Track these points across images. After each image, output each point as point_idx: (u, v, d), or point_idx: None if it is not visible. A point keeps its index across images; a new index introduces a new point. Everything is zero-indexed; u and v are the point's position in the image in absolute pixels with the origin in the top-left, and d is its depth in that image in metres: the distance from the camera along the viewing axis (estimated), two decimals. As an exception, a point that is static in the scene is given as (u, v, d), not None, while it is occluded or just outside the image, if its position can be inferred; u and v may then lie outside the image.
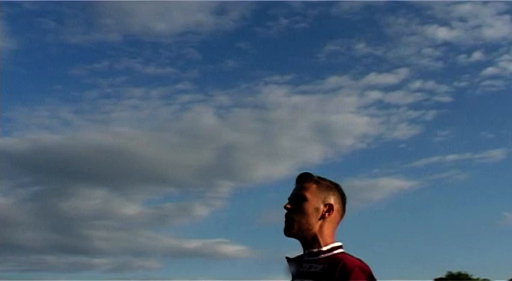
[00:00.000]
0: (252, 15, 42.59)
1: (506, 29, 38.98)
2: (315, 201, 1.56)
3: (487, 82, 39.25)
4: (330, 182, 1.61)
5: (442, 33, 41.18)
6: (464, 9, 40.55)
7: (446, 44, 42.20)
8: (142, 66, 41.53)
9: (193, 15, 36.53)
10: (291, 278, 1.58)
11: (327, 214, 1.55)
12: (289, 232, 1.56)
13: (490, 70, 40.03)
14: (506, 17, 40.20)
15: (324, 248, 1.52)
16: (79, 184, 40.43)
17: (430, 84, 39.58)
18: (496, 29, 39.28)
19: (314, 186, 1.58)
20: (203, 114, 40.99)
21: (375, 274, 1.47)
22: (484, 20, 39.26)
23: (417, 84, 40.45)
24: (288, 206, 1.57)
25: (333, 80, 42.91)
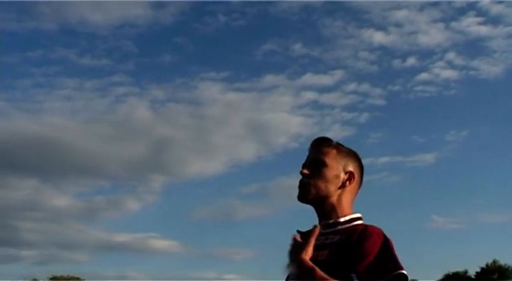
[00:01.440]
0: (191, 11, 42.15)
1: (441, 37, 39.47)
2: (335, 167, 1.46)
3: (420, 87, 39.71)
4: (349, 149, 1.52)
5: (378, 37, 41.73)
6: (401, 15, 40.49)
7: (381, 48, 42.76)
8: (77, 56, 41.26)
9: (131, 7, 36.29)
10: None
11: (347, 182, 1.47)
12: (305, 196, 1.46)
13: (423, 76, 40.61)
14: (441, 24, 40.59)
15: (342, 219, 1.44)
16: (8, 173, 39.25)
17: (365, 87, 39.89)
18: (430, 36, 39.81)
19: (334, 151, 1.48)
20: (137, 107, 40.96)
21: None
22: (419, 26, 39.75)
23: (352, 86, 40.95)
24: (305, 171, 1.47)
25: (268, 79, 43.50)
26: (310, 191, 1.44)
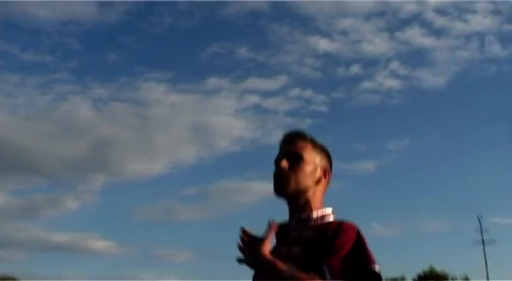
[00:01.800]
0: (137, 11, 41.63)
1: (385, 46, 40.57)
2: (312, 162, 1.46)
3: (363, 96, 40.50)
4: (322, 144, 1.52)
5: (324, 44, 42.45)
6: (347, 23, 41.71)
7: (326, 55, 43.37)
8: (19, 51, 40.74)
9: (77, 5, 35.66)
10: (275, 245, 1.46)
11: (323, 178, 1.47)
12: (284, 189, 1.43)
13: (367, 84, 41.49)
14: (386, 34, 42.07)
15: (315, 215, 1.43)
16: None
17: (308, 93, 40.60)
18: (375, 45, 40.76)
19: (310, 146, 1.48)
20: (80, 105, 40.80)
21: None
22: (364, 35, 40.57)
23: (295, 92, 41.60)
24: (284, 163, 1.44)
25: (213, 82, 43.73)
26: (290, 184, 1.43)
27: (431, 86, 40.64)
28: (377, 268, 1.32)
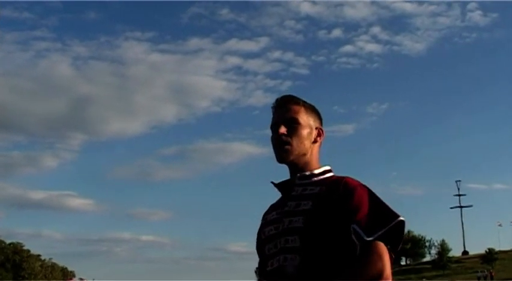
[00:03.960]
0: None
1: (367, 11, 42.64)
2: (307, 125, 1.50)
3: (344, 59, 42.56)
4: (312, 105, 1.55)
5: (306, 7, 44.37)
6: None
7: (308, 18, 45.19)
8: None
9: None
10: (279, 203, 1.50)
11: (318, 138, 1.52)
12: (286, 157, 1.47)
13: (348, 48, 43.87)
14: None
15: (316, 171, 1.48)
16: None
17: (289, 55, 42.59)
18: (357, 9, 42.86)
19: (303, 109, 1.51)
20: (59, 63, 41.34)
21: None
22: None
23: (276, 54, 43.71)
24: (283, 130, 1.47)
25: (194, 42, 45.35)
26: (292, 151, 1.46)
27: (411, 51, 41.50)
28: (403, 219, 1.35)
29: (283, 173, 1.52)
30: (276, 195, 1.53)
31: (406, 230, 1.40)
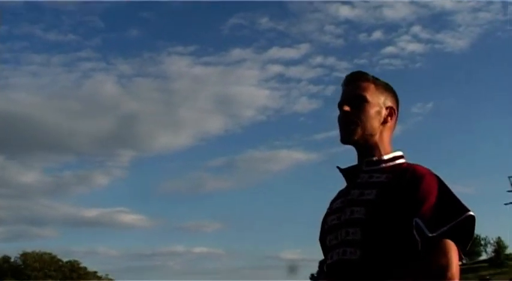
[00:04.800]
0: None
1: (406, 10, 41.46)
2: (376, 103, 1.38)
3: (386, 61, 41.50)
4: (386, 83, 1.43)
5: (344, 11, 43.49)
6: None
7: (347, 22, 44.48)
8: (43, 32, 41.38)
9: None
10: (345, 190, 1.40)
11: (388, 118, 1.39)
12: (350, 138, 1.36)
13: (389, 49, 42.53)
14: None
15: (385, 157, 1.36)
16: (-25, 151, 39.14)
17: (331, 60, 41.67)
18: (396, 10, 41.79)
19: (372, 86, 1.39)
20: (104, 82, 41.59)
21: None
22: (385, 0, 41.27)
23: (318, 59, 42.79)
24: (347, 108, 1.37)
25: (235, 53, 44.86)
26: (356, 131, 1.35)
27: (454, 48, 40.91)
28: (474, 214, 1.22)
29: (333, 177, 1.40)
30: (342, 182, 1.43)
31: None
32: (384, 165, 1.35)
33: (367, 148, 1.37)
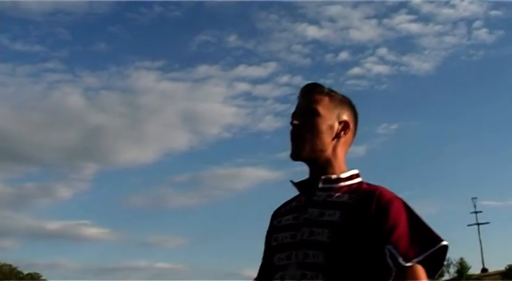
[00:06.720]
0: (126, 1, 41.68)
1: (373, 33, 42.10)
2: (329, 117, 1.31)
3: (352, 81, 41.92)
4: (343, 95, 1.37)
5: (312, 31, 44.00)
6: (335, 10, 44.25)
7: (315, 42, 44.89)
8: (10, 41, 40.89)
9: None
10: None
11: (342, 132, 1.32)
12: (299, 153, 1.30)
13: (356, 70, 43.14)
14: (373, 21, 44.52)
15: (343, 175, 1.30)
16: None
17: (298, 79, 41.97)
18: (363, 32, 42.37)
19: (326, 99, 1.33)
20: (70, 94, 41.20)
21: None
22: (352, 22, 42.27)
23: (285, 78, 42.96)
24: (296, 121, 1.31)
25: (202, 69, 44.94)
26: (305, 147, 1.29)
27: (419, 71, 41.57)
28: (446, 242, 1.17)
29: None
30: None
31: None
32: (342, 183, 1.29)
33: (319, 165, 1.30)
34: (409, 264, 1.15)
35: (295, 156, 1.31)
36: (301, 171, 1.35)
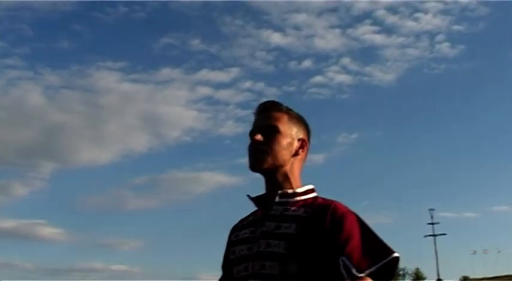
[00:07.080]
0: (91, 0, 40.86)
1: (337, 42, 42.95)
2: (288, 134, 1.36)
3: (314, 89, 42.73)
4: (298, 114, 1.42)
5: (276, 38, 44.62)
6: (300, 18, 45.47)
7: (279, 49, 45.48)
8: None
9: None
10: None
11: (300, 150, 1.37)
12: (259, 165, 1.33)
13: (318, 79, 43.97)
14: (338, 30, 46.16)
15: (299, 190, 1.34)
16: None
17: (260, 85, 42.50)
18: (327, 41, 43.17)
19: (286, 117, 1.37)
20: (30, 92, 40.78)
21: None
22: (316, 31, 42.83)
23: (247, 84, 43.44)
24: (259, 137, 1.34)
25: (165, 72, 45.13)
26: (267, 159, 1.32)
27: (381, 82, 42.26)
28: (398, 254, 1.22)
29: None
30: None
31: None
32: (298, 198, 1.33)
33: (276, 179, 1.35)
34: (361, 275, 1.19)
35: (256, 167, 1.34)
36: (260, 177, 1.37)
